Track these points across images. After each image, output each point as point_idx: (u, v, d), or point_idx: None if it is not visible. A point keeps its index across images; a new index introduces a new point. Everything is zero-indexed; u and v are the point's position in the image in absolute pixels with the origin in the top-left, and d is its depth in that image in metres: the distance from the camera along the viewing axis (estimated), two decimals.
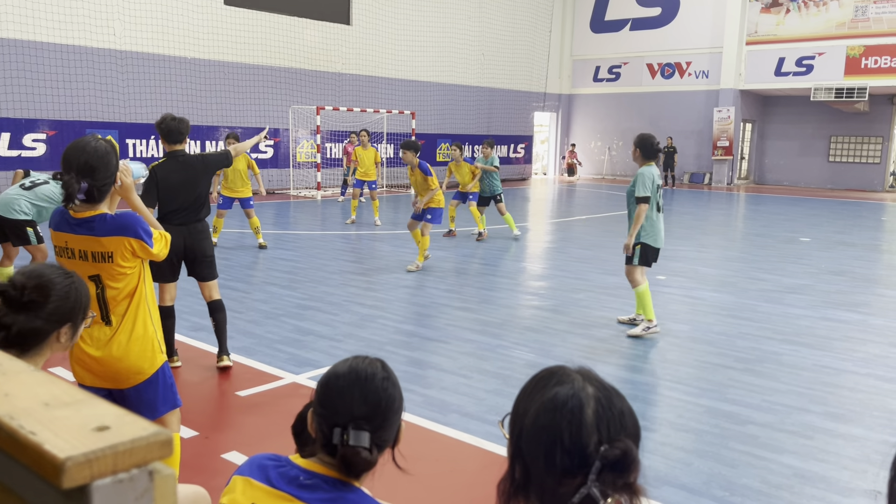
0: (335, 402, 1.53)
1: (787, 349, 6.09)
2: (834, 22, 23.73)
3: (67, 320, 2.01)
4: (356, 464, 1.49)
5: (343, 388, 1.54)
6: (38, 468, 0.58)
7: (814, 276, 9.35)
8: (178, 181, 5.05)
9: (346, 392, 1.53)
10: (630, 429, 1.13)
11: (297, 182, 20.44)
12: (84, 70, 16.26)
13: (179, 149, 5.15)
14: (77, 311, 2.03)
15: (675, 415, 4.62)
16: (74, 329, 2.05)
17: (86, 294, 2.09)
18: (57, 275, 2.02)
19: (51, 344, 2.00)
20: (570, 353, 5.85)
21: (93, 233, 2.81)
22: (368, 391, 1.53)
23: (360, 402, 1.52)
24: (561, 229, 14.07)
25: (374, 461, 1.51)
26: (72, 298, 2.01)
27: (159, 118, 5.13)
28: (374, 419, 1.52)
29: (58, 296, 1.98)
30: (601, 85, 29.37)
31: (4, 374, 0.73)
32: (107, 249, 2.83)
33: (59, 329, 2.00)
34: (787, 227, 14.72)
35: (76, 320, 2.04)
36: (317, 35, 20.75)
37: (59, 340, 2.01)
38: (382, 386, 1.56)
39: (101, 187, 2.81)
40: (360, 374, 1.55)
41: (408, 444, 1.86)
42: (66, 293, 2.00)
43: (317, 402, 1.56)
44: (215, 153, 5.33)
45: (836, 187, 25.89)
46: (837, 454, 4.09)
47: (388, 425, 1.56)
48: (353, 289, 8.06)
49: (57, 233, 2.90)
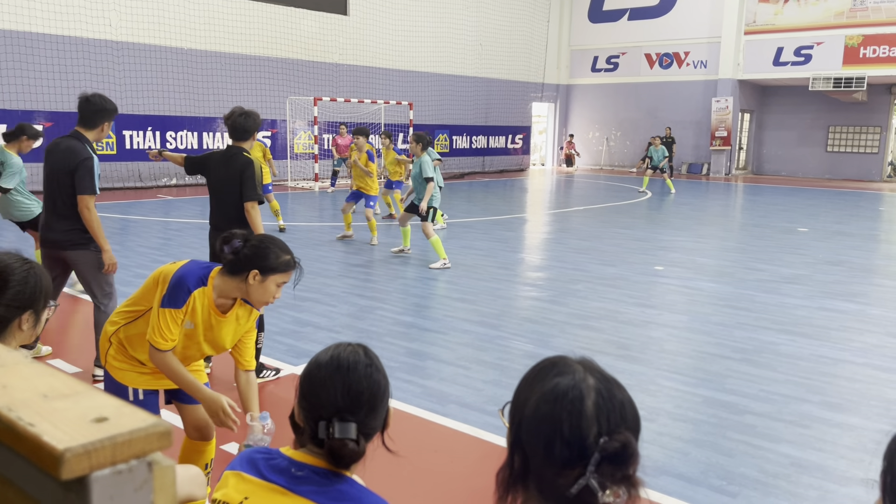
0: (318, 394, 1.50)
1: (785, 339, 6.10)
2: (833, 11, 23.68)
3: (28, 307, 1.96)
4: (344, 455, 1.47)
5: (325, 379, 1.50)
6: (37, 459, 0.58)
7: (811, 266, 9.36)
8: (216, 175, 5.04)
9: (329, 384, 1.50)
10: (630, 421, 1.12)
11: (295, 173, 20.41)
12: (80, 61, 16.19)
13: (240, 146, 5.03)
14: (38, 297, 1.98)
15: (673, 405, 4.64)
16: (37, 316, 2.00)
17: (46, 280, 2.02)
18: (14, 260, 1.96)
19: (13, 332, 1.95)
20: (569, 344, 5.86)
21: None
22: (351, 381, 1.50)
23: (343, 394, 1.49)
24: (559, 220, 14.07)
25: (363, 451, 1.49)
26: (31, 284, 1.95)
27: (228, 112, 5.04)
28: (360, 409, 1.49)
29: (16, 281, 1.93)
30: (599, 75, 29.30)
31: (3, 365, 0.73)
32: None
33: (20, 316, 1.95)
34: (785, 217, 14.73)
35: (37, 307, 1.99)
36: (314, 25, 20.67)
37: (22, 328, 1.96)
38: (366, 374, 1.52)
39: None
40: (343, 365, 1.51)
41: (407, 435, 1.86)
42: (25, 279, 1.94)
43: (301, 394, 1.53)
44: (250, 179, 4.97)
45: (834, 177, 25.89)
46: (834, 443, 4.10)
47: (375, 414, 1.53)
48: (352, 280, 8.06)
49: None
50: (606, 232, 12.12)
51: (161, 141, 18.04)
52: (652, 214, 14.98)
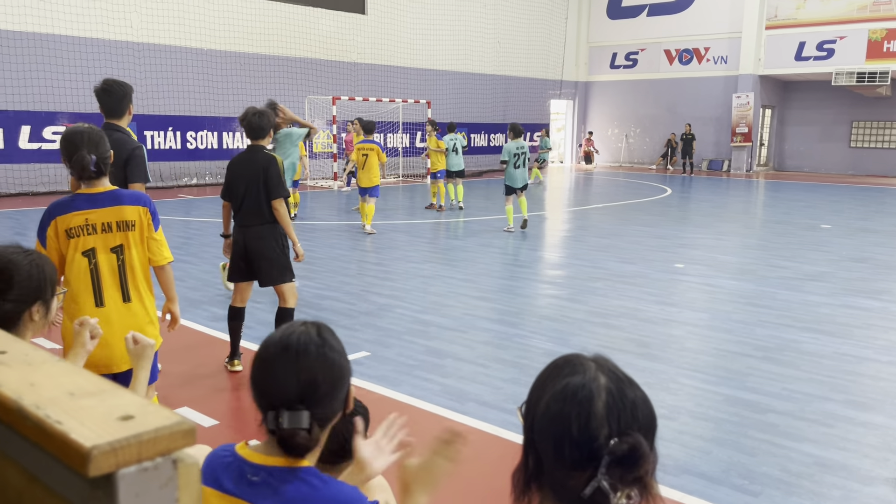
0: (266, 382, 1.39)
1: (807, 337, 6.04)
2: (856, 5, 23.35)
3: (37, 299, 1.98)
4: (295, 446, 1.37)
5: (273, 366, 1.39)
6: (65, 457, 0.59)
7: (835, 263, 9.25)
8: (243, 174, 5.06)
9: (278, 371, 1.38)
10: (642, 421, 1.10)
11: (314, 172, 20.49)
12: (102, 62, 16.36)
13: (259, 144, 5.08)
14: (44, 287, 2.00)
15: (694, 403, 4.61)
16: (46, 305, 2.02)
17: (50, 269, 2.04)
18: (17, 254, 1.97)
19: (26, 324, 1.97)
20: (588, 342, 5.84)
21: (118, 202, 3.01)
22: (301, 368, 1.37)
23: (292, 382, 1.37)
24: (578, 218, 14.01)
25: (316, 440, 1.39)
26: (35, 276, 1.97)
27: (241, 113, 5.07)
28: (311, 397, 1.37)
29: (22, 276, 1.94)
30: (618, 72, 29.12)
31: (30, 364, 0.74)
32: (130, 218, 3.06)
33: (29, 308, 1.97)
34: (808, 213, 14.56)
35: (45, 297, 2.01)
36: (332, 25, 20.74)
37: (34, 319, 1.98)
38: (318, 358, 1.39)
39: (105, 160, 3.00)
40: (291, 349, 1.39)
41: (425, 433, 1.86)
42: (29, 273, 1.96)
43: (251, 381, 1.42)
44: (275, 177, 5.02)
45: (858, 173, 25.54)
46: (858, 442, 4.05)
47: (330, 399, 1.41)
48: (371, 278, 8.08)
49: (70, 214, 2.97)
50: (626, 229, 12.05)
51: (181, 141, 18.19)
52: (672, 212, 14.87)
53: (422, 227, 12.31)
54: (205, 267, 8.50)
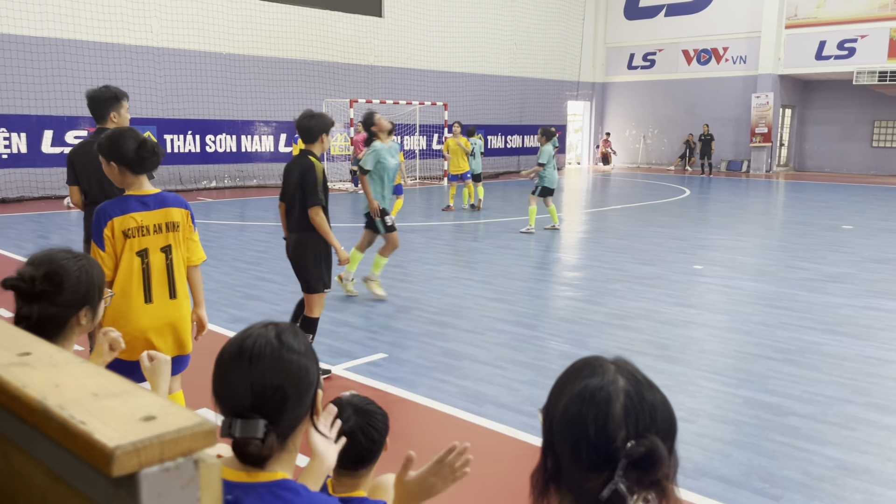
0: (220, 388, 1.32)
1: (829, 339, 5.97)
2: (877, 3, 23.07)
3: (84, 303, 2.01)
4: (248, 455, 1.30)
5: (227, 372, 1.32)
6: (89, 457, 0.60)
7: (857, 265, 9.14)
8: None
9: (232, 377, 1.31)
10: (661, 424, 1.10)
11: (332, 175, 20.57)
12: (123, 67, 16.55)
13: (308, 148, 5.05)
14: (92, 292, 2.03)
15: (714, 406, 4.57)
16: (94, 310, 2.05)
17: (98, 273, 2.07)
18: (67, 258, 2.00)
19: (72, 328, 2.00)
20: (606, 344, 5.81)
21: (165, 204, 3.19)
22: (255, 375, 1.29)
23: (245, 389, 1.29)
24: (596, 219, 13.95)
25: (272, 449, 1.30)
26: (83, 282, 2.00)
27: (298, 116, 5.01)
28: (266, 406, 1.29)
29: (71, 282, 1.97)
30: (636, 72, 28.98)
31: (54, 365, 0.75)
32: (176, 220, 3.23)
33: (77, 313, 2.00)
34: (829, 214, 14.40)
35: (93, 302, 2.04)
36: (349, 28, 20.83)
37: (81, 323, 2.02)
38: (275, 361, 1.31)
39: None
40: (246, 354, 1.31)
41: (443, 435, 1.86)
42: (78, 278, 1.99)
43: (212, 385, 1.35)
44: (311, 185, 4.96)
45: (880, 173, 25.22)
46: (881, 446, 4.00)
47: (290, 407, 1.32)
48: (388, 280, 8.10)
49: (126, 216, 3.12)
50: (644, 231, 11.98)
51: (201, 144, 18.34)
52: (691, 213, 14.77)
53: (440, 228, 12.32)
54: (224, 269, 8.56)
